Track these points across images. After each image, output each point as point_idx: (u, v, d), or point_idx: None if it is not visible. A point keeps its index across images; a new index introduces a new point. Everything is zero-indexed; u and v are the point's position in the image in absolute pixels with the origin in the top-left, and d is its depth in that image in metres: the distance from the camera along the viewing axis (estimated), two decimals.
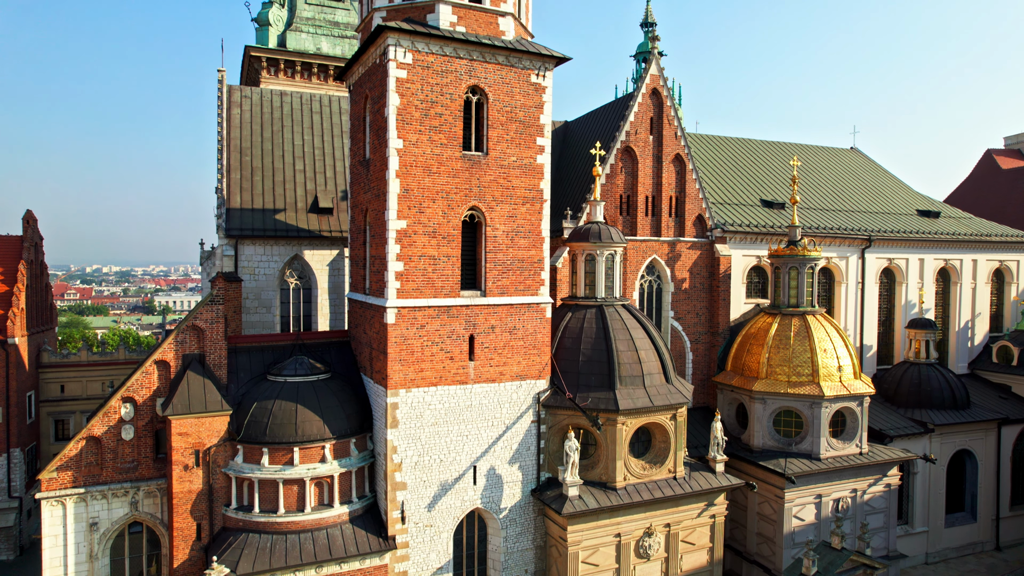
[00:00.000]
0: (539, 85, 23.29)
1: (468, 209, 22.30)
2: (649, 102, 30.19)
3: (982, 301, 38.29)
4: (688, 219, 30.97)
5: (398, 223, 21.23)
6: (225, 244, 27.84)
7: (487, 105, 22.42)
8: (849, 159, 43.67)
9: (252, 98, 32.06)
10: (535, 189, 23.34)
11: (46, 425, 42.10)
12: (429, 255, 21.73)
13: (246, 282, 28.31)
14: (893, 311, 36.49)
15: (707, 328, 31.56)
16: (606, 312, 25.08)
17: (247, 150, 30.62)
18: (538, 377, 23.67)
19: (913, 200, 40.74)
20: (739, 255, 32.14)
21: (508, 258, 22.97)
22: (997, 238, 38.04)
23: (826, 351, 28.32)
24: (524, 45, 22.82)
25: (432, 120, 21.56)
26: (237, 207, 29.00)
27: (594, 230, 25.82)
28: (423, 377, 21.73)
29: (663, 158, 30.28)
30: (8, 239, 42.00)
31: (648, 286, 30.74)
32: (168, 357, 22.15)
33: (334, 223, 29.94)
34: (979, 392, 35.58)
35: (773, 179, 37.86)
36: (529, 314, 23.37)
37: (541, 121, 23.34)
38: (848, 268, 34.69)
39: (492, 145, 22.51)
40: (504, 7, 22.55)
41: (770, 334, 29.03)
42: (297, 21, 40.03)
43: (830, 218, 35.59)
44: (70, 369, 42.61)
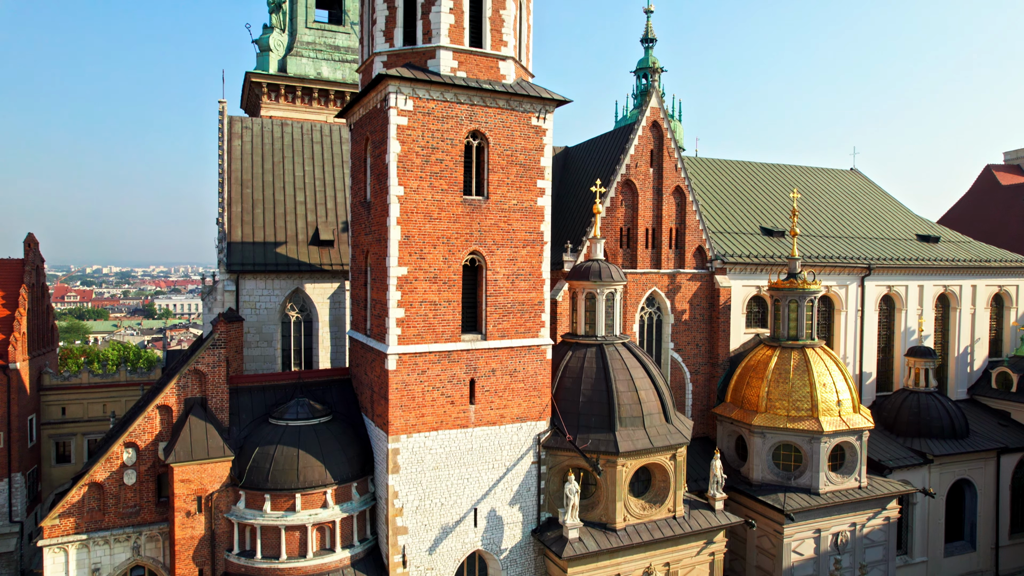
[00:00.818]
0: (539, 128, 23.35)
1: (469, 254, 22.37)
2: (649, 135, 30.25)
3: (981, 326, 38.38)
4: (688, 250, 31.05)
5: (399, 270, 21.31)
6: (226, 279, 27.92)
7: (488, 149, 22.49)
8: (849, 181, 43.74)
9: (253, 129, 32.12)
10: (536, 232, 23.41)
11: (47, 448, 42.22)
12: (430, 300, 21.81)
13: (247, 316, 28.38)
14: (892, 338, 36.57)
15: (707, 359, 31.64)
16: (606, 351, 25.16)
17: (248, 182, 30.68)
18: (538, 418, 23.75)
19: (913, 224, 40.81)
20: (739, 285, 32.22)
21: (509, 301, 23.04)
22: (996, 263, 38.11)
23: (825, 385, 28.41)
24: (525, 88, 22.89)
25: (433, 166, 21.63)
26: (238, 240, 29.07)
27: (594, 269, 25.90)
28: (424, 422, 21.82)
29: (663, 190, 30.35)
30: (9, 263, 42.07)
31: (648, 318, 30.82)
32: (170, 402, 22.23)
33: (335, 256, 30.01)
34: (978, 419, 35.69)
35: (773, 205, 37.93)
36: (530, 356, 23.45)
37: (542, 163, 23.41)
38: (848, 296, 34.78)
39: (493, 189, 22.57)
40: (505, 51, 22.60)
41: (770, 367, 29.12)
42: (298, 46, 40.06)
43: (830, 246, 35.65)
44: (71, 391, 42.73)
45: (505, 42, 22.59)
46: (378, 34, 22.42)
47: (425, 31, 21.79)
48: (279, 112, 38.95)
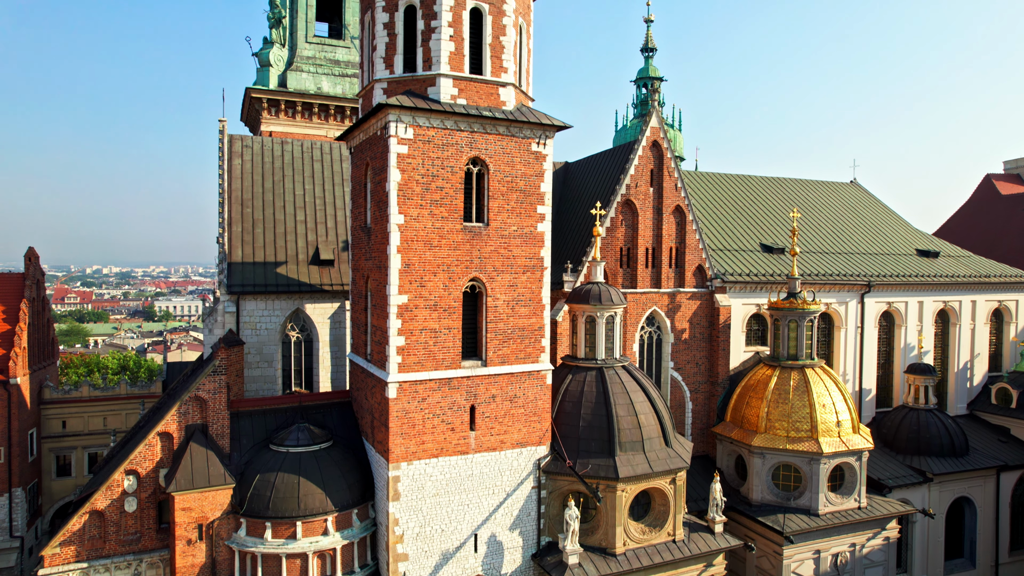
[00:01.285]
0: (540, 153, 23.38)
1: (469, 280, 22.41)
2: (649, 154, 30.27)
3: (981, 341, 38.41)
4: (688, 269, 31.07)
5: (399, 298, 21.33)
6: (227, 300, 27.95)
7: (488, 176, 22.52)
8: (848, 194, 43.76)
9: (253, 147, 32.15)
10: (536, 257, 23.44)
11: (48, 461, 42.24)
12: (430, 328, 21.84)
13: (248, 337, 28.43)
14: (892, 354, 36.60)
15: (707, 378, 31.68)
16: (606, 375, 25.20)
17: (248, 202, 30.71)
18: (538, 443, 23.79)
19: (912, 238, 40.83)
20: (739, 304, 32.25)
21: (509, 327, 23.07)
22: (996, 279, 38.14)
23: (825, 406, 28.44)
24: (525, 115, 22.91)
25: (433, 194, 21.66)
26: (239, 261, 29.10)
27: (594, 292, 25.93)
28: (424, 449, 21.86)
29: (663, 210, 30.38)
30: (10, 276, 42.13)
31: (648, 337, 30.85)
32: (171, 428, 22.26)
33: (335, 275, 30.03)
34: (978, 435, 35.72)
35: (773, 221, 37.95)
36: (530, 382, 23.49)
37: (542, 189, 23.43)
38: (847, 313, 34.81)
39: (493, 216, 22.60)
40: (505, 77, 22.62)
41: (769, 388, 29.15)
42: (298, 60, 40.05)
43: (830, 262, 35.67)
44: (72, 405, 42.74)
45: (505, 68, 22.62)
46: (378, 60, 22.44)
47: (425, 58, 21.82)
48: (279, 127, 38.97)
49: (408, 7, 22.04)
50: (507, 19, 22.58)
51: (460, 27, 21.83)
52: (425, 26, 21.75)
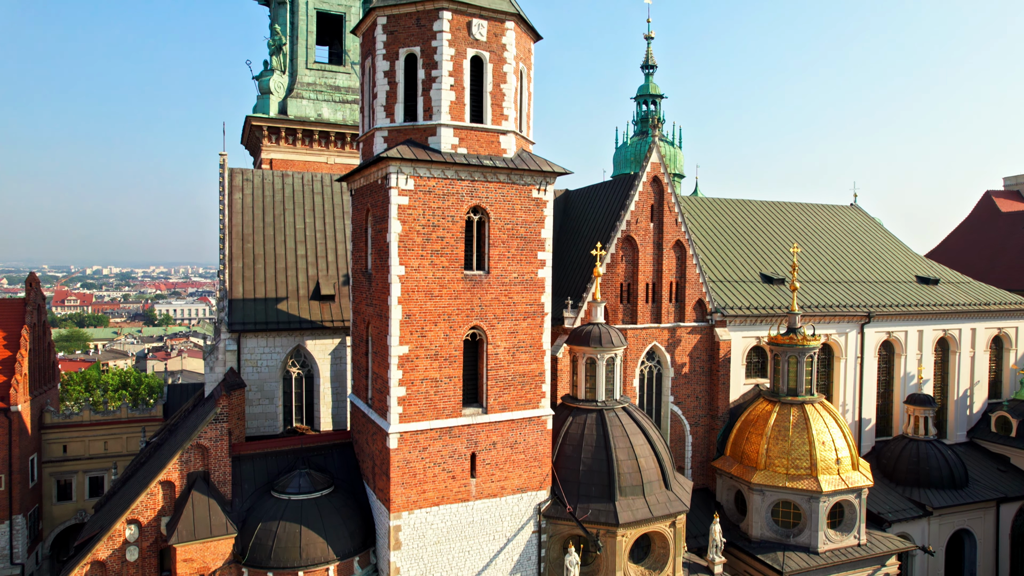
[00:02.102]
0: (540, 200, 23.41)
1: (470, 329, 22.44)
2: (650, 189, 30.31)
3: (981, 369, 38.48)
4: (688, 303, 31.13)
5: (401, 348, 21.37)
6: (228, 339, 28.00)
7: (488, 224, 22.55)
8: (849, 218, 43.80)
9: (254, 181, 32.18)
10: (536, 304, 23.48)
11: (48, 486, 42.37)
12: (431, 378, 21.88)
13: (249, 374, 28.48)
14: (892, 383, 36.67)
15: (707, 411, 31.74)
16: (606, 418, 25.25)
17: (248, 236, 30.74)
18: (539, 488, 23.84)
19: (912, 264, 40.87)
20: (739, 337, 32.31)
21: (509, 374, 23.12)
22: (996, 307, 38.20)
23: (824, 444, 28.51)
24: (526, 162, 22.93)
25: (434, 244, 21.69)
26: (239, 297, 29.14)
27: (594, 334, 25.98)
28: (425, 498, 21.90)
29: (663, 245, 30.42)
30: (11, 302, 42.24)
31: (648, 372, 30.90)
32: (173, 477, 22.31)
33: (335, 311, 30.08)
34: (977, 464, 35.78)
35: (773, 249, 38.00)
36: (531, 427, 23.54)
37: (543, 235, 23.47)
38: (847, 344, 34.87)
39: (493, 263, 22.64)
40: (506, 125, 22.65)
41: (769, 424, 29.22)
42: (298, 87, 40.05)
43: (830, 292, 35.72)
44: (73, 429, 42.90)
45: (506, 116, 22.64)
46: (379, 108, 22.46)
47: (426, 108, 21.84)
48: (280, 154, 39.00)
49: (408, 56, 22.05)
50: (508, 66, 22.60)
51: (461, 76, 21.85)
52: (426, 75, 21.76)
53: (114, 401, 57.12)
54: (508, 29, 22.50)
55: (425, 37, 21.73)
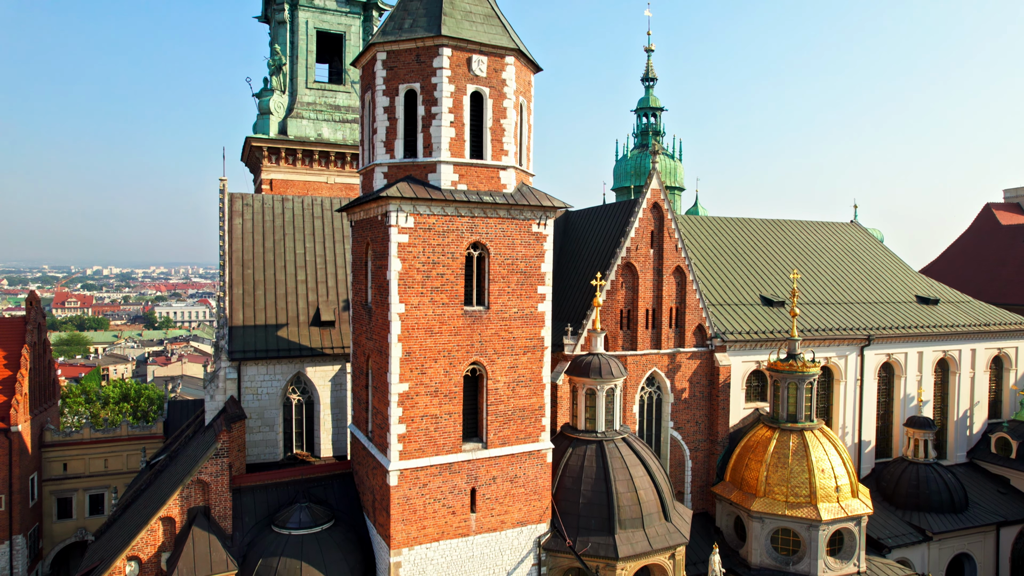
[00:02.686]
0: (540, 234, 23.42)
1: (470, 365, 22.45)
2: (650, 216, 30.30)
3: (981, 389, 38.48)
4: (688, 329, 31.12)
5: (401, 386, 21.39)
6: (228, 367, 28.02)
7: (488, 259, 22.55)
8: (849, 235, 43.79)
9: (254, 206, 32.19)
10: (536, 338, 23.49)
11: (48, 504, 42.40)
12: (431, 414, 21.90)
13: (249, 401, 28.51)
14: (891, 404, 36.69)
15: (706, 436, 31.75)
16: (606, 450, 25.27)
17: (248, 262, 30.75)
18: (539, 521, 23.86)
19: (912, 283, 40.87)
20: (739, 361, 32.32)
21: (509, 408, 23.13)
22: (996, 327, 38.19)
23: (824, 471, 28.51)
24: (526, 196, 22.94)
25: (434, 281, 21.70)
26: (239, 324, 29.16)
27: (594, 365, 25.99)
28: (425, 534, 21.93)
29: (663, 271, 30.42)
30: (11, 321, 42.23)
31: (648, 397, 30.92)
32: (173, 513, 22.33)
33: (335, 337, 30.09)
34: (977, 485, 35.79)
35: (774, 269, 38.00)
36: (531, 461, 23.56)
37: (543, 270, 23.47)
38: (847, 366, 34.88)
39: (493, 299, 22.64)
40: (506, 160, 22.64)
41: (768, 451, 29.23)
42: (298, 107, 40.03)
43: (830, 315, 35.73)
44: (73, 447, 42.92)
45: (506, 151, 22.64)
46: (379, 144, 22.46)
47: (426, 144, 21.84)
48: (280, 174, 39.00)
49: (408, 91, 22.06)
50: (508, 101, 22.60)
51: (461, 112, 21.85)
52: (426, 112, 21.76)
53: (115, 415, 57.13)
54: (508, 64, 22.51)
55: (425, 73, 21.74)
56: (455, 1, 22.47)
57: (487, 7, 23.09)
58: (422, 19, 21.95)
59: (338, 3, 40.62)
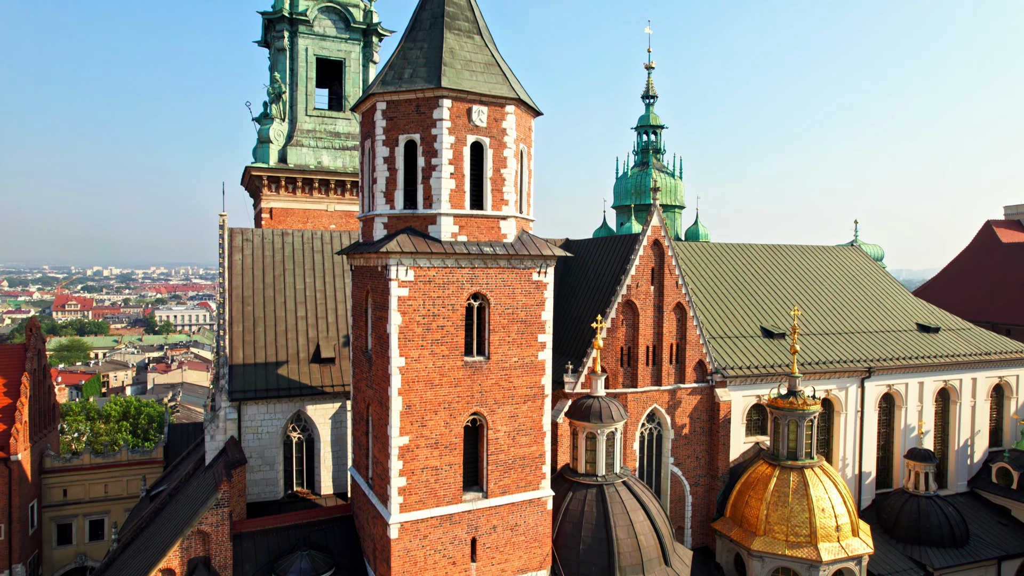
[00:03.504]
0: (540, 282, 23.36)
1: (470, 415, 22.41)
2: (650, 253, 30.25)
3: (981, 418, 38.44)
4: (688, 364, 31.08)
5: (401, 439, 21.34)
6: (228, 407, 27.98)
7: (488, 309, 22.50)
8: (849, 260, 43.73)
9: (253, 241, 32.14)
10: (536, 386, 23.44)
11: (48, 530, 42.40)
12: (432, 466, 21.85)
13: (249, 441, 28.48)
14: (892, 435, 36.66)
15: (707, 471, 31.72)
16: (607, 494, 25.26)
17: (248, 299, 30.70)
18: (539, 568, 23.82)
19: (913, 310, 40.82)
20: (739, 396, 32.30)
21: (510, 457, 23.09)
22: (997, 356, 38.14)
23: (824, 511, 28.50)
24: (526, 246, 22.88)
25: (434, 333, 21.64)
26: (240, 363, 29.11)
27: (595, 409, 25.96)
28: None
29: (664, 308, 30.37)
30: (11, 348, 42.21)
31: (648, 434, 30.88)
32: (173, 564, 22.29)
33: (336, 374, 30.05)
34: (978, 517, 35.76)
35: (774, 299, 37.96)
36: (531, 509, 23.51)
37: (543, 318, 23.42)
38: (848, 398, 34.85)
39: (494, 349, 22.59)
40: (506, 210, 22.58)
41: (769, 489, 29.21)
42: (298, 134, 39.95)
43: (831, 346, 35.69)
44: (73, 473, 42.89)
45: (506, 201, 22.58)
46: (379, 194, 22.40)
47: (426, 196, 21.78)
48: (280, 203, 38.94)
49: (408, 142, 22.00)
50: (508, 150, 22.54)
51: (461, 163, 21.78)
52: (426, 163, 21.70)
53: (115, 432, 57.10)
54: (508, 113, 22.44)
55: (425, 124, 21.68)
56: (455, 50, 22.41)
57: (487, 55, 23.03)
58: (422, 69, 21.88)
59: (338, 30, 40.57)
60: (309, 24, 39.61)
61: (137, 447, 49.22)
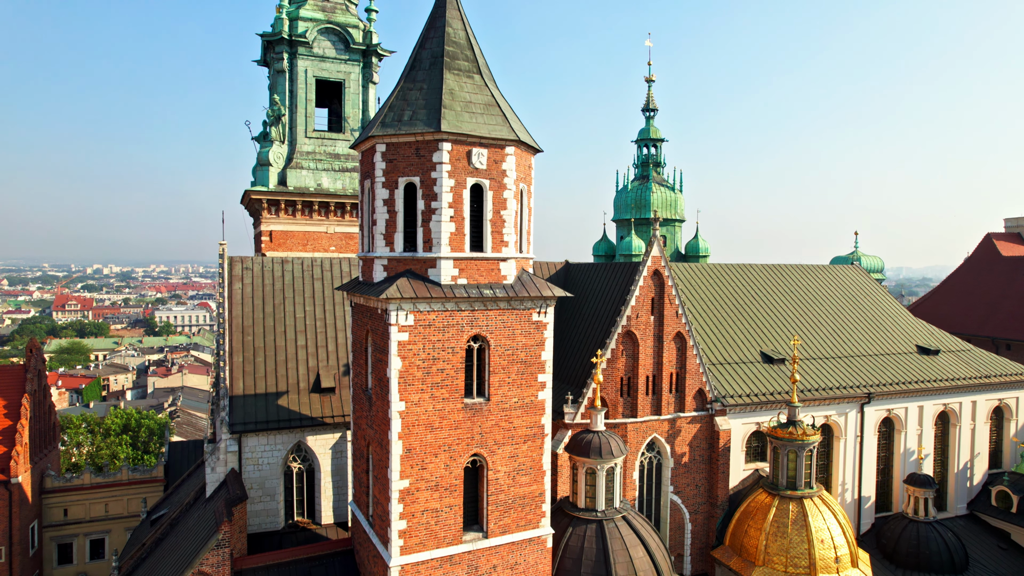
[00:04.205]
0: (540, 323, 23.36)
1: (470, 457, 22.44)
2: (650, 283, 30.25)
3: (981, 440, 38.49)
4: (688, 393, 31.12)
5: (401, 483, 21.37)
6: (229, 440, 28.02)
7: (488, 351, 22.50)
8: (850, 280, 43.72)
9: (253, 269, 32.13)
10: (536, 426, 23.46)
11: (49, 550, 42.51)
12: (432, 508, 21.89)
13: (250, 472, 28.52)
14: (892, 459, 36.71)
15: (706, 499, 31.78)
16: (606, 530, 25.29)
17: (248, 328, 30.71)
18: None
19: (913, 332, 40.83)
20: (739, 424, 32.34)
21: (510, 497, 23.13)
22: (997, 379, 38.17)
23: (823, 542, 28.55)
24: (526, 286, 22.87)
25: (434, 376, 21.66)
26: (240, 394, 29.15)
27: (594, 445, 25.99)
28: None
29: (664, 337, 30.38)
30: (11, 369, 42.26)
31: (648, 463, 30.93)
32: None
33: (336, 404, 30.08)
34: (977, 540, 35.84)
35: (774, 322, 37.97)
36: (531, 548, 23.56)
37: (543, 358, 23.42)
38: (847, 423, 34.89)
39: (494, 390, 22.60)
40: (506, 251, 22.57)
41: (768, 519, 29.27)
42: (297, 156, 39.89)
43: (830, 371, 35.72)
44: (73, 493, 42.97)
45: (506, 242, 22.57)
46: (378, 236, 22.39)
47: (426, 239, 21.77)
48: (280, 226, 38.91)
49: (408, 185, 21.98)
50: (508, 192, 22.52)
51: (461, 207, 21.77)
52: (425, 206, 21.69)
53: (115, 446, 57.16)
54: (508, 154, 22.43)
55: (425, 167, 21.66)
56: (454, 91, 22.38)
57: (487, 95, 22.99)
58: (421, 111, 21.85)
59: (337, 51, 40.47)
60: (309, 46, 39.52)
61: (138, 465, 49.24)
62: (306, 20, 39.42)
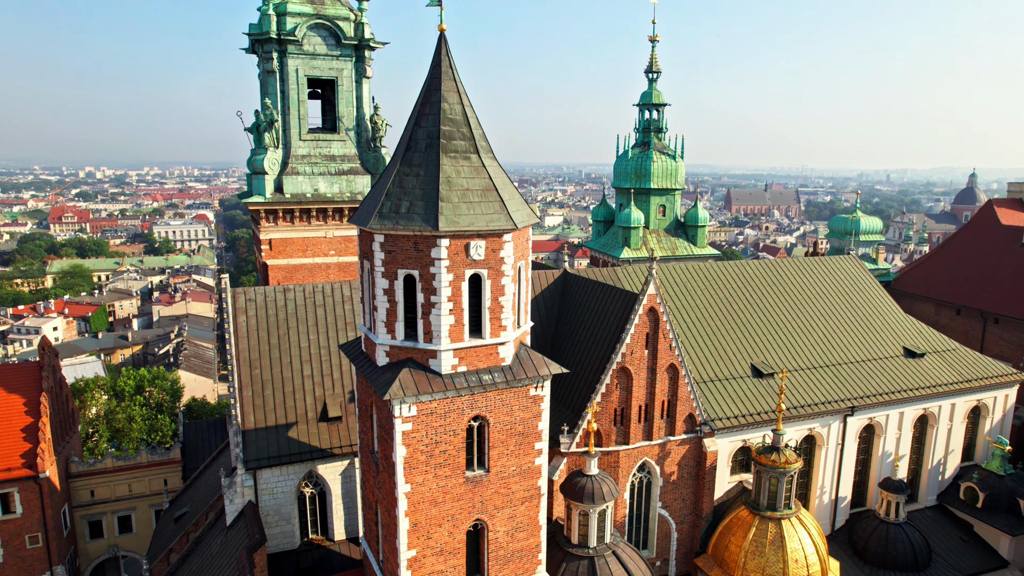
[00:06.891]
0: (537, 396, 24.36)
1: (472, 522, 24.16)
2: (646, 319, 30.97)
3: (957, 439, 40.48)
4: (679, 418, 32.61)
5: (408, 552, 23.18)
6: (245, 475, 29.79)
7: (488, 428, 23.67)
8: (845, 272, 44.24)
9: (256, 300, 32.70)
10: (533, 488, 25.01)
11: (81, 527, 45.67)
12: (438, 570, 23.85)
13: (265, 501, 30.52)
14: (870, 460, 38.80)
15: (692, 511, 34.05)
16: (597, 566, 27.52)
17: (255, 362, 31.75)
18: None
19: (902, 332, 41.86)
20: (726, 443, 34.09)
21: (508, 552, 25.07)
22: (978, 382, 39.63)
23: (797, 561, 31.00)
24: (524, 367, 23.68)
25: (437, 458, 22.95)
26: (252, 428, 30.65)
27: (588, 490, 27.72)
28: None
29: (657, 370, 31.49)
30: (26, 367, 43.59)
31: (639, 482, 32.91)
32: None
33: (343, 433, 31.66)
34: (942, 532, 38.64)
35: (766, 328, 38.92)
36: None
37: (539, 428, 24.62)
38: (830, 433, 36.68)
39: (493, 463, 23.97)
40: (504, 336, 23.22)
41: (748, 538, 31.60)
42: (293, 161, 39.19)
43: (816, 384, 37.09)
44: (97, 476, 45.57)
45: (504, 327, 23.17)
46: (380, 323, 22.96)
47: (426, 331, 22.38)
48: (278, 234, 38.93)
49: (407, 276, 22.32)
50: (506, 278, 22.86)
51: (459, 298, 22.22)
52: (425, 300, 22.14)
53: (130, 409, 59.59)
54: (506, 242, 22.61)
55: (423, 261, 21.93)
56: (452, 179, 22.24)
57: (484, 179, 22.82)
58: (419, 204, 21.82)
59: (328, 47, 38.78)
60: (299, 44, 37.87)
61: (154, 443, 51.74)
62: (294, 15, 37.56)
